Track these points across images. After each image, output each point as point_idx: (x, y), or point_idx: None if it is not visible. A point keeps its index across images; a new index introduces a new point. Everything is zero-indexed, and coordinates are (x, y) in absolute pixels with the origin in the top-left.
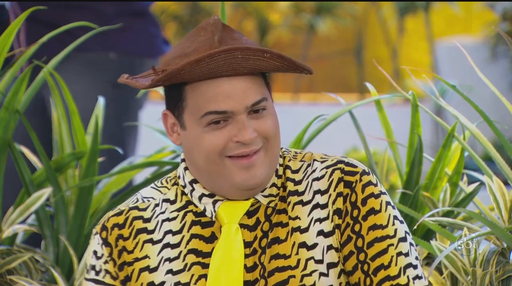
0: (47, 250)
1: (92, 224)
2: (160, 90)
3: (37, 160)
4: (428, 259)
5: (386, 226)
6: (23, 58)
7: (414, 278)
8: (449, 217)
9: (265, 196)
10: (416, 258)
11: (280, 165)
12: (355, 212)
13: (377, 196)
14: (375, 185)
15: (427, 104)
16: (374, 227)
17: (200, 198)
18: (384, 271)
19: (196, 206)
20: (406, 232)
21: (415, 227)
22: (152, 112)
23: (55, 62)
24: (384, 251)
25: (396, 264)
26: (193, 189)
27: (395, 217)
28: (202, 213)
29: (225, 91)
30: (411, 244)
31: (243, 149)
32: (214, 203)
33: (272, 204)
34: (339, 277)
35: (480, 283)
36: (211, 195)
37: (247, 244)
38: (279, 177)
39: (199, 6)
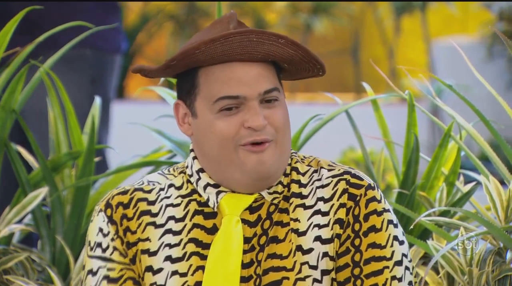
0: (43, 250)
1: (89, 224)
2: (157, 89)
3: (33, 160)
4: (425, 259)
5: (385, 246)
6: (19, 58)
7: None
8: (446, 216)
9: (270, 193)
10: (410, 283)
11: (288, 164)
12: (357, 226)
13: (379, 214)
14: (379, 202)
15: (424, 104)
16: (373, 245)
17: (205, 188)
18: None
19: (201, 196)
20: (403, 255)
21: (411, 227)
22: (148, 112)
23: (52, 62)
24: (380, 272)
25: None
26: (199, 178)
27: (395, 238)
28: (206, 203)
29: (238, 77)
30: (406, 268)
31: (255, 137)
32: (218, 193)
33: (275, 201)
34: (331, 285)
35: (476, 283)
36: (216, 185)
37: (246, 240)
38: (286, 175)
39: (196, 6)
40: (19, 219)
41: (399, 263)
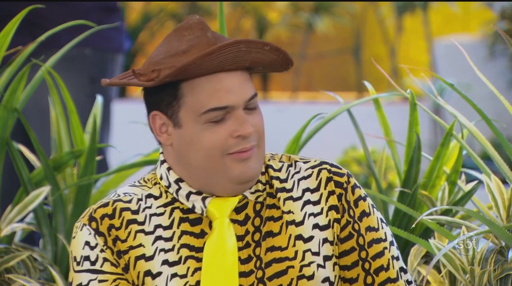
0: (45, 249)
1: None
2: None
3: (35, 159)
4: (427, 258)
5: (378, 229)
6: (21, 56)
7: (409, 283)
8: (448, 215)
9: (252, 192)
10: (402, 261)
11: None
12: (351, 212)
13: (364, 199)
14: (359, 188)
15: (426, 103)
16: (369, 229)
17: (187, 196)
18: (385, 272)
19: (183, 203)
20: (391, 235)
21: (413, 226)
22: None
23: (53, 61)
24: (382, 253)
25: (393, 267)
26: (180, 188)
27: (381, 220)
28: (190, 210)
29: (226, 87)
30: (397, 247)
31: (244, 145)
32: (204, 199)
33: (260, 199)
34: (333, 269)
35: (478, 282)
36: (199, 193)
37: (239, 238)
38: (262, 173)
39: (197, 5)
40: (21, 218)
41: (392, 243)
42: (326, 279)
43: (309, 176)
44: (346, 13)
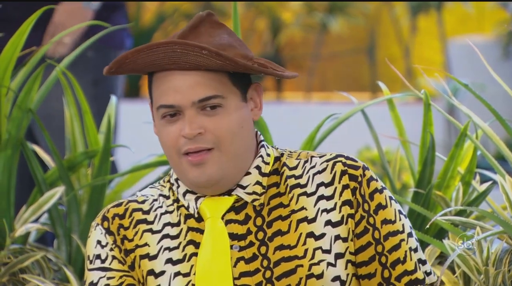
0: (59, 249)
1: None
2: None
3: (49, 159)
4: (441, 258)
5: (395, 221)
6: (35, 57)
7: (427, 274)
8: (462, 216)
9: (249, 193)
10: (421, 252)
11: (266, 163)
12: (366, 206)
13: (381, 191)
14: (376, 180)
15: (440, 103)
16: (385, 222)
17: (184, 195)
18: (401, 265)
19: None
20: (410, 227)
21: (427, 226)
22: None
23: (67, 62)
24: (398, 246)
25: (411, 259)
26: (178, 186)
27: (400, 212)
28: None
29: (174, 86)
30: (416, 238)
31: (189, 145)
32: (197, 199)
33: (256, 203)
34: (346, 267)
35: (493, 282)
36: (193, 192)
37: (240, 237)
38: (264, 175)
39: (212, 5)
40: (35, 218)
41: (410, 234)
42: (337, 278)
43: (324, 169)
44: (360, 13)
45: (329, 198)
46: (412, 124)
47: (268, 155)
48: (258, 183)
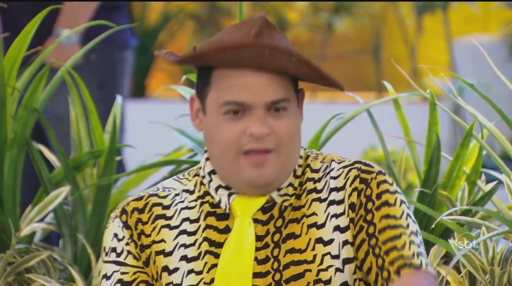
0: (65, 249)
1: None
2: (179, 88)
3: (55, 159)
4: (446, 258)
5: (400, 217)
6: (41, 57)
7: (427, 265)
8: (467, 215)
9: (281, 195)
10: (420, 254)
11: (299, 166)
12: (369, 205)
13: (392, 193)
14: (391, 184)
15: (445, 103)
16: (387, 216)
17: (216, 189)
18: (397, 252)
19: (213, 197)
20: (417, 231)
21: (433, 226)
22: (169, 111)
23: (72, 62)
24: (397, 237)
25: (409, 249)
26: (211, 180)
27: (409, 215)
28: (218, 205)
29: (246, 83)
30: (421, 241)
31: (255, 144)
32: (230, 195)
33: (286, 203)
34: (354, 273)
35: (498, 282)
36: (227, 187)
37: (258, 238)
38: (297, 177)
39: (217, 5)
40: (40, 217)
41: (415, 234)
42: (344, 284)
43: (339, 175)
44: (365, 13)
45: (340, 202)
46: (418, 124)
47: (301, 156)
48: (290, 184)
